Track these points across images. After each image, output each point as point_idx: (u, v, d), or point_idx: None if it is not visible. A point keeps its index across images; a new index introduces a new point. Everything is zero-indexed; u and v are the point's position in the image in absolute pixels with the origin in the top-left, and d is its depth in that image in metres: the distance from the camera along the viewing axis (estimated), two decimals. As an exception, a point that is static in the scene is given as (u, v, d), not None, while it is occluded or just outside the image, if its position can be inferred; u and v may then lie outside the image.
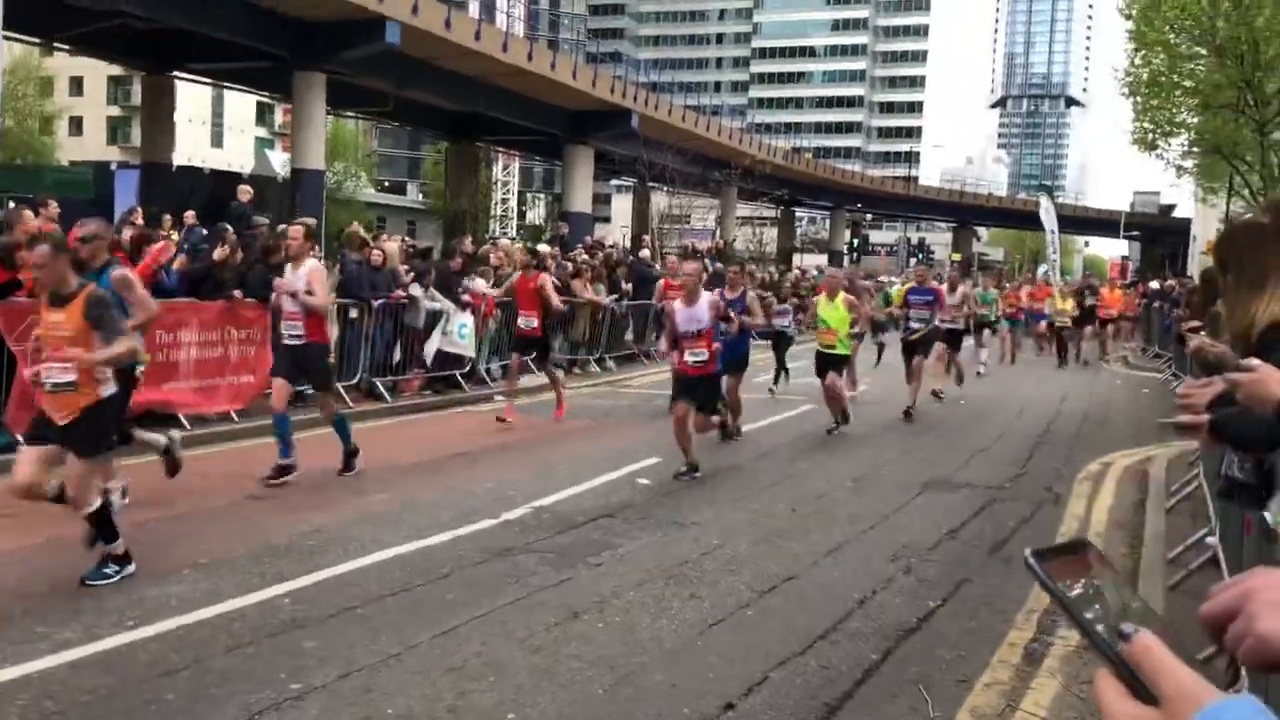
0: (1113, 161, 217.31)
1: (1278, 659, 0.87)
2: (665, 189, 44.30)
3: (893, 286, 23.20)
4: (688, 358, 9.27)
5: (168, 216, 17.15)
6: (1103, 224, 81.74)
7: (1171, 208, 73.04)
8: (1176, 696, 0.79)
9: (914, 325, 13.97)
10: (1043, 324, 25.08)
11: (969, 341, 17.58)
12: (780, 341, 15.84)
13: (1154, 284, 30.82)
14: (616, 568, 6.49)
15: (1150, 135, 27.89)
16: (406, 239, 20.04)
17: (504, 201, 70.37)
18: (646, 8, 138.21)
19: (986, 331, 19.70)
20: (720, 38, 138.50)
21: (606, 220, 77.04)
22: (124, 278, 6.77)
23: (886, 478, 9.76)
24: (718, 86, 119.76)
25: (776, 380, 15.40)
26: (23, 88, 61.20)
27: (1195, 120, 27.26)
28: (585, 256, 19.46)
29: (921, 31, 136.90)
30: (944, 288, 15.37)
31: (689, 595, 5.98)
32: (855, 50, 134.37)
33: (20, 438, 8.86)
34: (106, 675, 4.56)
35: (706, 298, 9.41)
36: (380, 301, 12.86)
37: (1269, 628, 0.87)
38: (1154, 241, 77.38)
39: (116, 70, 61.71)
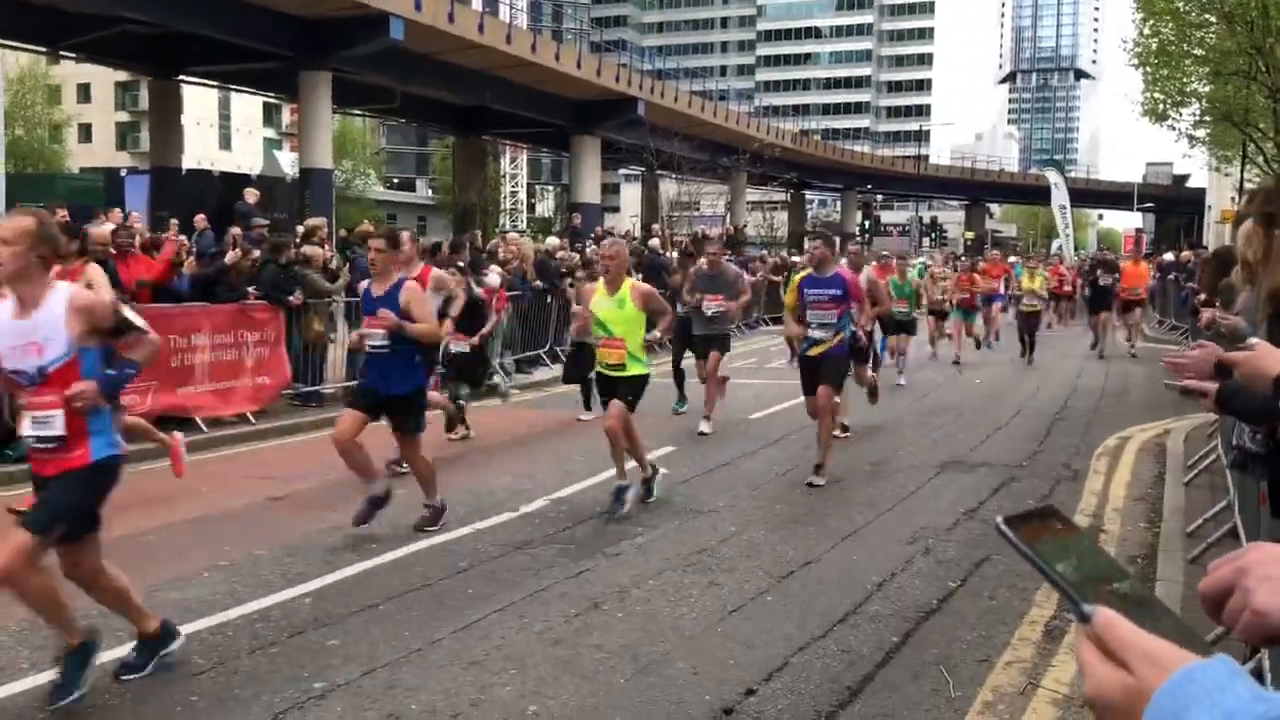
0: (1124, 133, 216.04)
1: (1275, 633, 0.88)
2: (674, 176, 44.21)
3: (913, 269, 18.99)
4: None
5: (174, 221, 17.22)
6: (1116, 196, 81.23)
7: (1185, 178, 72.47)
8: (1144, 664, 0.79)
9: (815, 335, 8.79)
10: (996, 306, 20.44)
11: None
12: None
13: (1168, 255, 30.58)
14: (635, 557, 6.51)
15: (1161, 105, 27.67)
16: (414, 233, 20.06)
17: (513, 194, 70.42)
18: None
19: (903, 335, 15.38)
20: (724, 21, 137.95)
21: (616, 210, 77.03)
22: None
23: (903, 459, 9.75)
24: (723, 71, 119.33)
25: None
26: (31, 96, 61.41)
27: (1206, 89, 27.02)
28: (600, 251, 19.43)
29: (928, 9, 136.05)
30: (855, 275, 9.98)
31: (708, 583, 5.99)
32: (861, 30, 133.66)
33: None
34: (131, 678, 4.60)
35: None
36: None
37: (1264, 602, 0.88)
38: (1168, 212, 76.93)
39: (123, 76, 61.86)
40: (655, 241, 23.24)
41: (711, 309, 11.46)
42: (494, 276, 15.10)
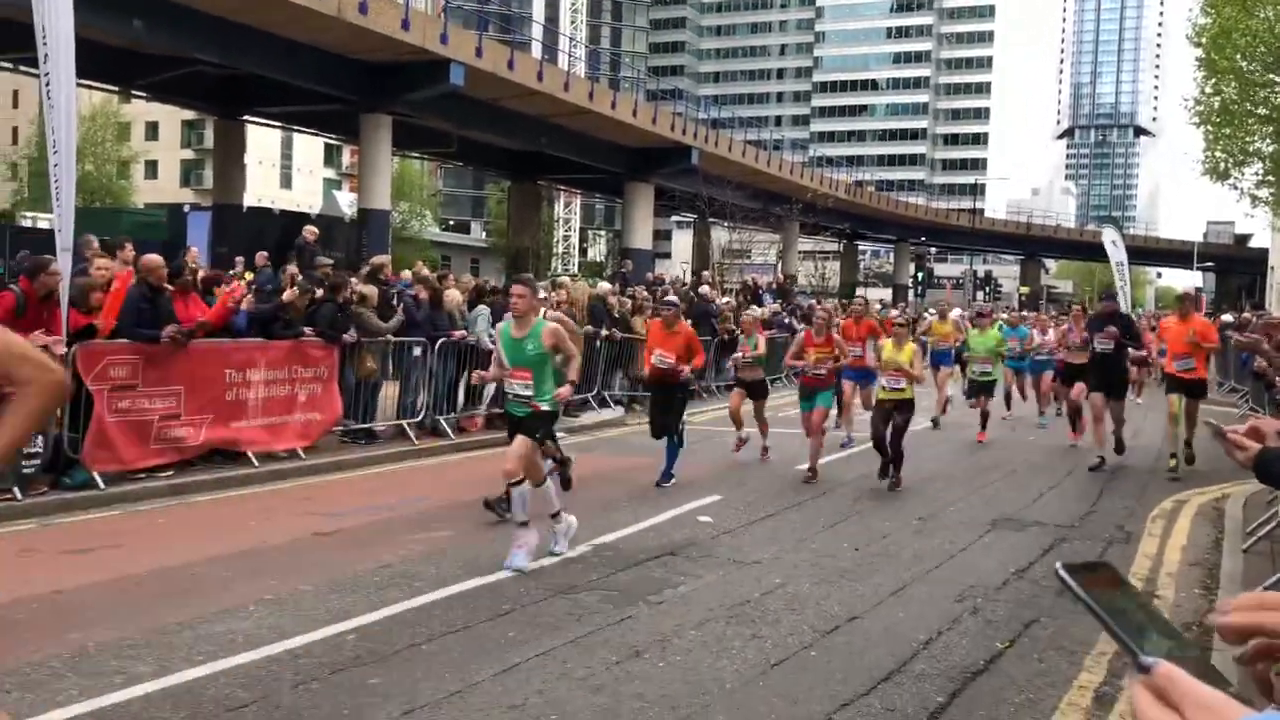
0: (1184, 191, 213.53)
1: None
2: (726, 224, 44.36)
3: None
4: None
5: (240, 259, 17.56)
6: (1175, 255, 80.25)
7: (1247, 237, 71.47)
8: (1202, 714, 0.82)
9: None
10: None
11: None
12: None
13: (1228, 316, 30.08)
14: (678, 606, 6.46)
15: (1223, 164, 27.40)
16: (471, 277, 20.30)
17: (565, 239, 71.02)
18: (706, 45, 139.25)
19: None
20: (781, 72, 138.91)
21: (667, 256, 77.36)
22: None
23: (953, 516, 9.61)
24: (778, 121, 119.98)
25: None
26: (101, 133, 63.28)
27: (1270, 148, 26.69)
28: (645, 293, 19.53)
29: (985, 63, 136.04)
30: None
31: (751, 635, 5.93)
32: (918, 83, 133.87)
33: (97, 475, 9.11)
34: (177, 710, 4.64)
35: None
36: (443, 339, 13.04)
37: None
38: (1229, 272, 75.80)
39: (190, 115, 63.54)
40: (706, 289, 23.29)
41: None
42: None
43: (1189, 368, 12.12)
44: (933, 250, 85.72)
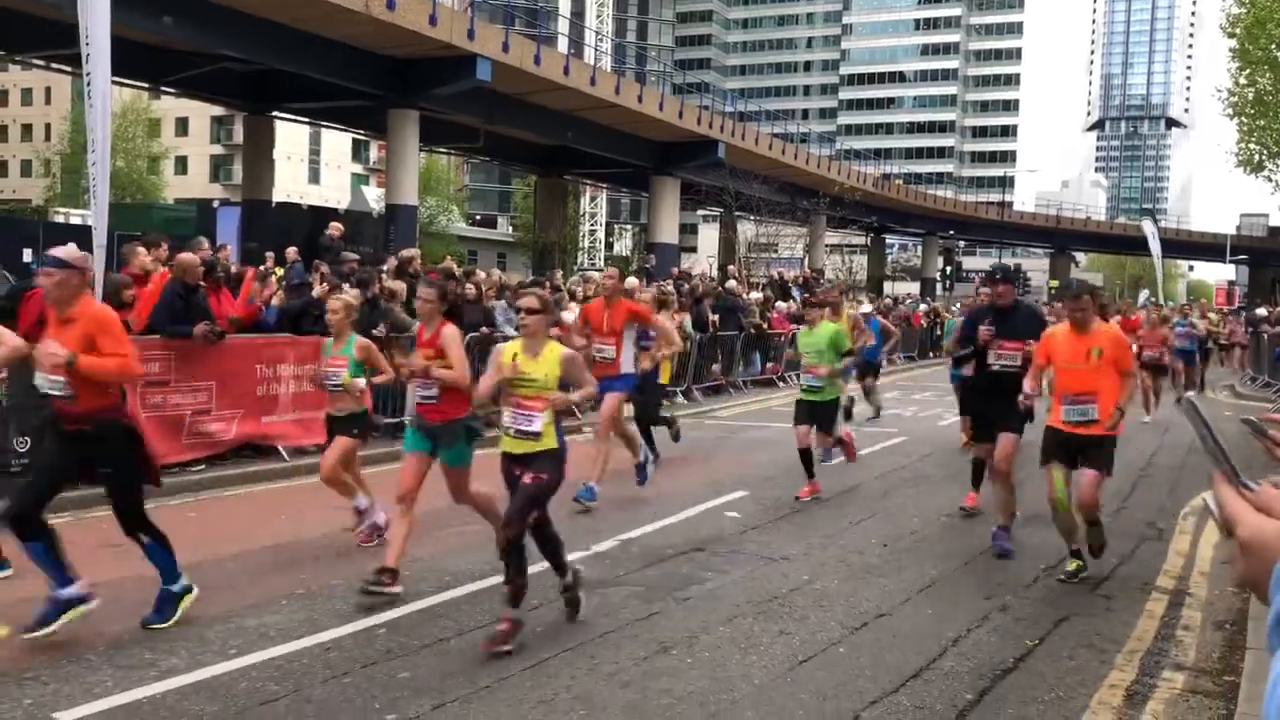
0: (1217, 183, 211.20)
1: None
2: (752, 218, 44.24)
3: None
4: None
5: (269, 254, 17.68)
6: (1207, 248, 79.34)
7: (1280, 230, 70.56)
8: None
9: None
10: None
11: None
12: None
13: (1261, 310, 29.72)
14: (705, 603, 6.47)
15: (1257, 156, 27.08)
16: (497, 273, 20.37)
17: (592, 233, 71.05)
18: (733, 38, 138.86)
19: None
20: (808, 65, 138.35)
21: (693, 250, 77.25)
22: None
23: (982, 513, 9.56)
24: (805, 114, 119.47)
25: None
26: (132, 130, 63.93)
27: (1305, 140, 26.37)
28: (670, 288, 19.52)
29: (1014, 55, 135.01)
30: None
31: (779, 631, 5.93)
32: (946, 75, 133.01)
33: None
34: (210, 702, 4.69)
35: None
36: (470, 336, 13.08)
37: None
38: (1263, 265, 74.88)
39: (219, 111, 64.03)
40: (733, 283, 23.24)
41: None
42: (569, 315, 15.26)
43: (1083, 417, 6.92)
44: (961, 244, 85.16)
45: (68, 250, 5.59)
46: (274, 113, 36.39)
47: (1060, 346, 7.09)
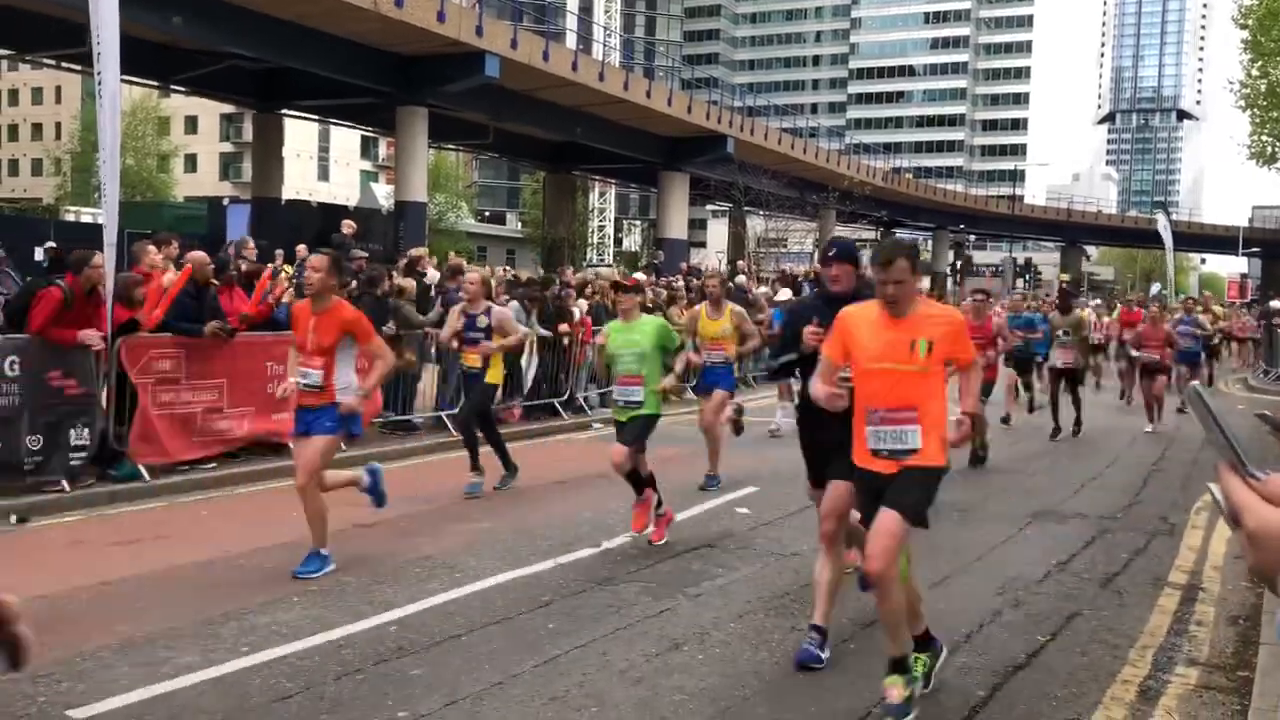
0: (1229, 176, 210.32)
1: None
2: (761, 213, 44.19)
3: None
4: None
5: (279, 252, 17.69)
6: (1219, 241, 79.03)
7: (1293, 222, 70.17)
8: None
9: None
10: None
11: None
12: None
13: (1275, 303, 29.59)
14: (716, 599, 6.47)
15: (1269, 148, 26.94)
16: (507, 269, 20.39)
17: (600, 229, 71.03)
18: (742, 32, 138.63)
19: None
20: (817, 59, 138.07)
21: (702, 245, 77.21)
22: None
23: (993, 508, 9.54)
24: (814, 108, 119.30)
25: None
26: (142, 128, 64.10)
27: (1317, 132, 26.23)
28: (680, 283, 19.51)
29: (1025, 48, 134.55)
30: None
31: (790, 627, 5.93)
32: (956, 68, 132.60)
33: (142, 467, 9.25)
34: (224, 699, 4.71)
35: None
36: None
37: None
38: (1276, 258, 74.51)
39: (228, 109, 64.20)
40: (742, 278, 23.23)
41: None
42: (579, 311, 15.27)
43: (899, 444, 4.70)
44: (971, 237, 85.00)
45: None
46: (283, 110, 36.50)
47: (864, 337, 4.69)
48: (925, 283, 64.00)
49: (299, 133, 58.69)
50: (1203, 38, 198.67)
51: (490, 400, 10.11)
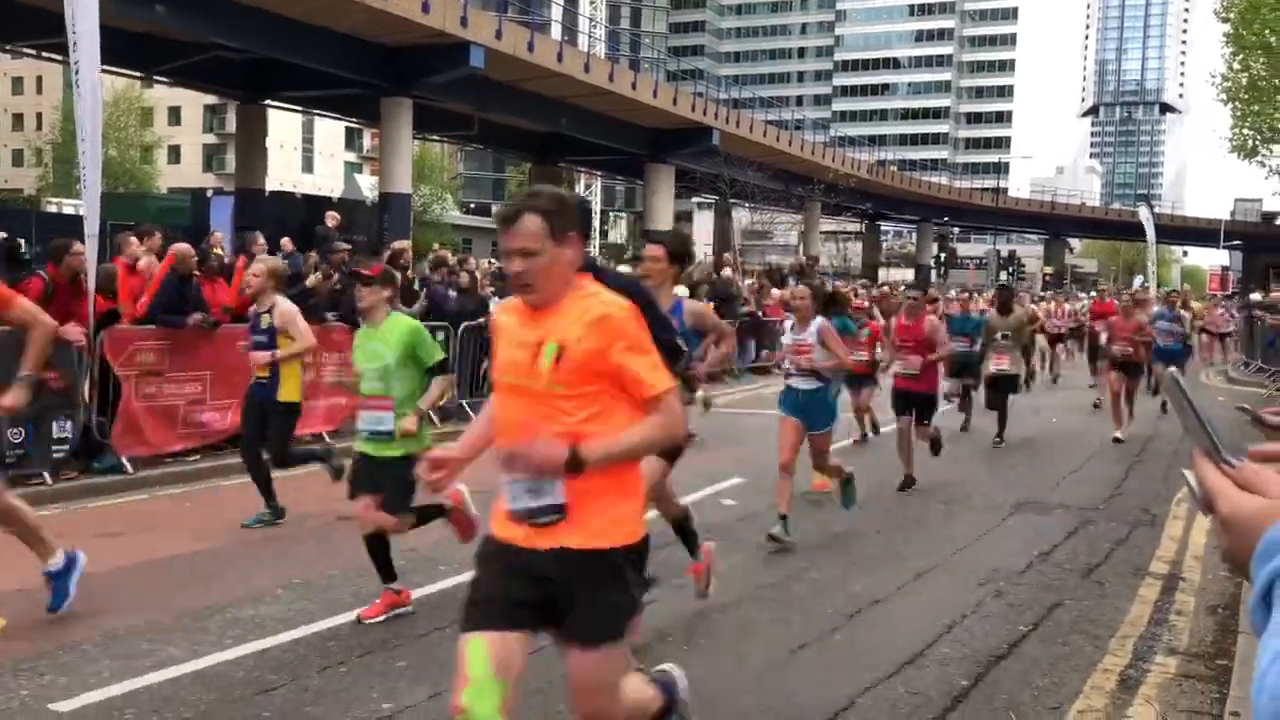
0: (1211, 169, 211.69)
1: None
2: (747, 205, 44.22)
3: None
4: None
5: (261, 240, 17.56)
6: (1201, 233, 79.42)
7: (1276, 215, 70.63)
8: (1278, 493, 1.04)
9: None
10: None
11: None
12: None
13: (1256, 295, 29.79)
14: (701, 589, 6.47)
15: (1251, 141, 27.10)
16: (493, 261, 20.34)
17: (587, 220, 70.82)
18: (727, 24, 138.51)
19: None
20: (802, 52, 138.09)
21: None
22: None
23: (976, 499, 9.60)
24: (800, 101, 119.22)
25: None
26: (125, 119, 63.64)
27: (1298, 125, 26.39)
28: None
29: (1009, 41, 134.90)
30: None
31: (775, 619, 5.96)
32: (940, 61, 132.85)
33: (126, 459, 9.21)
34: (208, 692, 4.71)
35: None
36: (467, 325, 13.09)
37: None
38: (1257, 250, 74.97)
39: (212, 100, 63.82)
40: (727, 271, 23.22)
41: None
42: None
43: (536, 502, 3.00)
44: (955, 230, 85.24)
45: None
46: (267, 101, 36.26)
47: (501, 340, 3.13)
48: (910, 274, 63.99)
49: (283, 124, 58.37)
50: (1185, 31, 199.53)
51: (289, 434, 8.22)
